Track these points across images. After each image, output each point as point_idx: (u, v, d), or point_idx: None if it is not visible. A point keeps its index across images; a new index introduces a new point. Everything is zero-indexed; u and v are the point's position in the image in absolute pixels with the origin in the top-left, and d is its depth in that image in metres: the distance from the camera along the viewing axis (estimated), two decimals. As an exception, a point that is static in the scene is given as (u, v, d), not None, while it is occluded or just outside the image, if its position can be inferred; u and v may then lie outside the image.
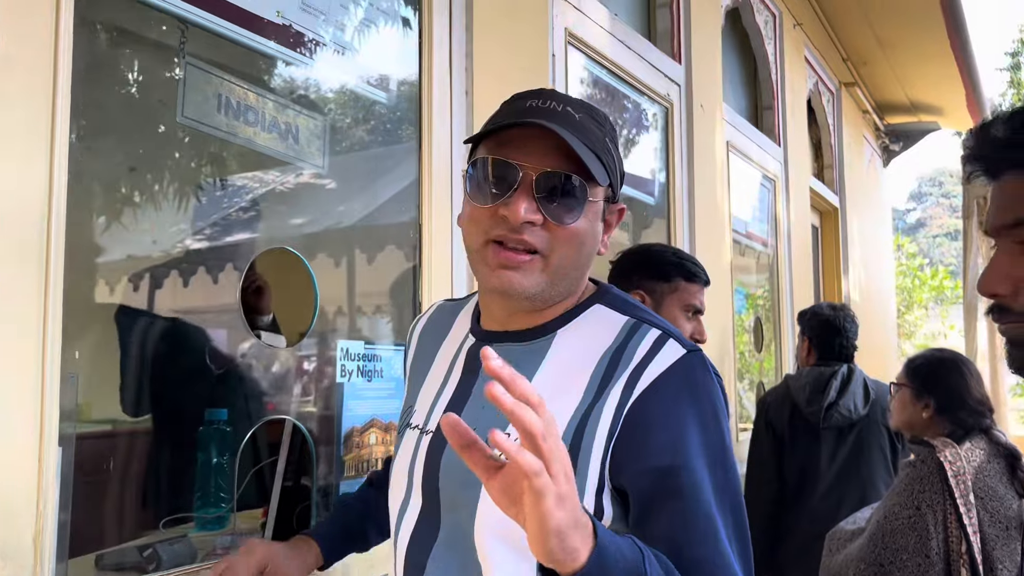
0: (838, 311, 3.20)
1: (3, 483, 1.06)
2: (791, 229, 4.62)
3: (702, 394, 0.99)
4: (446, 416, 0.74)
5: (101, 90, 1.46)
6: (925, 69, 6.19)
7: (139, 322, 1.87)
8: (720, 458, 0.98)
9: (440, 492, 1.04)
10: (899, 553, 2.06)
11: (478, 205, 1.02)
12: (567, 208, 1.00)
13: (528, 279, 1.01)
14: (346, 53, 1.78)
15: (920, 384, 2.31)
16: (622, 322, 1.04)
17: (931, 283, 13.01)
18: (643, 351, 1.00)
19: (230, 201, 1.81)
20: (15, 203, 1.09)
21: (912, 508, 2.08)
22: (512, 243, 1.00)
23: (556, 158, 0.99)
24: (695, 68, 3.37)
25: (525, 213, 0.98)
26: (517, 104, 1.06)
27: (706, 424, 0.97)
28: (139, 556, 1.38)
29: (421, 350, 1.23)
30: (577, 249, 1.03)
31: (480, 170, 1.02)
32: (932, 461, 2.11)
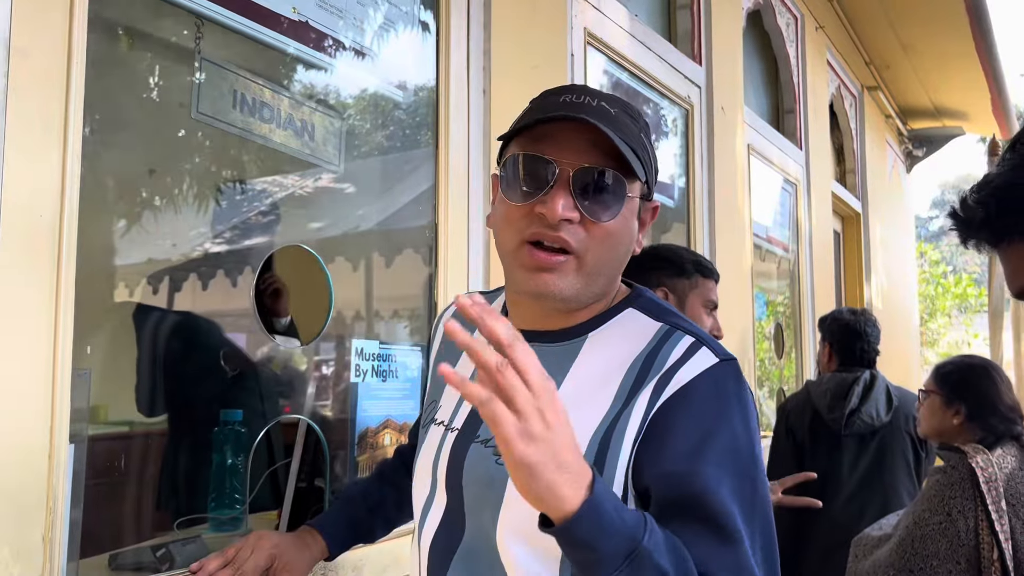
0: (859, 315, 3.17)
1: (14, 480, 1.05)
2: (813, 234, 4.57)
3: (733, 404, 0.95)
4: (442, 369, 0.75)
5: (115, 84, 1.46)
6: (949, 73, 6.12)
7: (155, 322, 1.86)
8: (749, 471, 0.94)
9: (464, 491, 1.02)
10: (929, 559, 2.04)
11: (513, 203, 0.99)
12: (605, 205, 0.97)
13: (563, 281, 0.98)
14: (362, 50, 1.77)
15: (950, 390, 2.28)
16: (655, 328, 1.01)
17: (954, 291, 12.85)
18: (675, 357, 0.97)
19: (249, 204, 1.81)
20: (28, 194, 1.08)
21: (943, 514, 2.06)
22: (549, 241, 0.97)
23: (593, 154, 0.97)
24: (716, 70, 3.34)
25: (563, 210, 0.95)
26: (549, 100, 1.03)
27: (735, 434, 0.94)
28: (152, 556, 1.37)
29: (447, 344, 1.20)
30: (613, 248, 1.00)
31: (514, 168, 0.99)
32: (964, 467, 2.09)
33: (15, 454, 1.05)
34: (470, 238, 1.92)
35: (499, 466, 0.98)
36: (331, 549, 1.30)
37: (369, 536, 1.36)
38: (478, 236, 1.94)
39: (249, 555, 1.23)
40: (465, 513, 1.01)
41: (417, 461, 1.13)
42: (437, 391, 1.16)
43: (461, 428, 1.06)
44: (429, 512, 1.07)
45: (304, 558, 1.26)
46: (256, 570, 1.23)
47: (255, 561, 1.23)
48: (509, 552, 0.96)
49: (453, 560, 1.01)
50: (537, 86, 2.19)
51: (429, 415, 1.14)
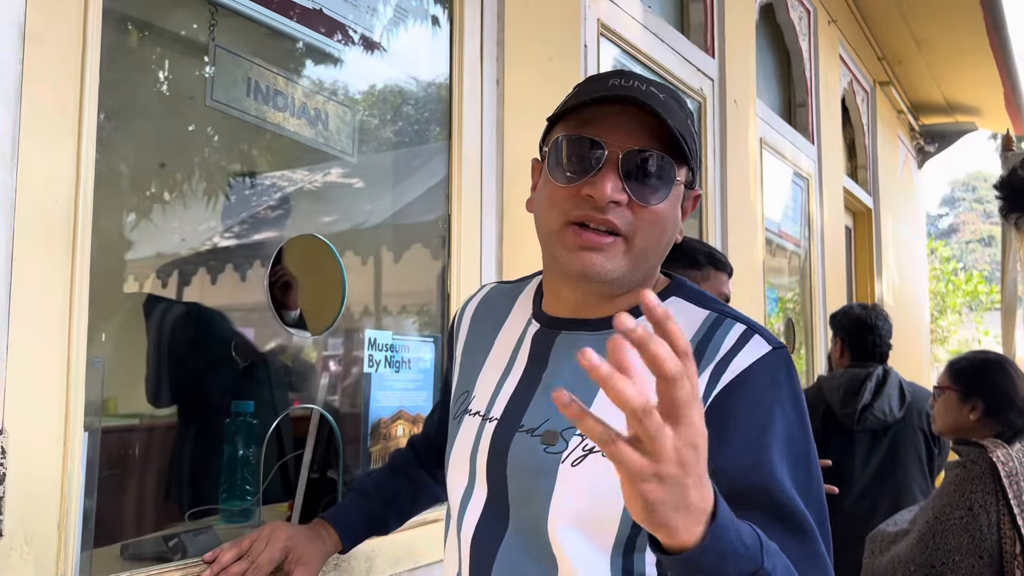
0: (870, 310, 3.16)
1: (28, 468, 1.04)
2: (824, 229, 4.55)
3: (787, 392, 0.94)
4: (558, 393, 0.65)
5: (129, 71, 1.46)
6: (962, 68, 6.08)
7: (167, 313, 1.86)
8: (804, 460, 0.93)
9: (508, 481, 1.00)
10: (951, 554, 2.03)
11: (560, 184, 0.98)
12: (653, 188, 0.97)
13: (610, 262, 0.97)
14: (376, 40, 1.76)
15: (967, 386, 2.26)
16: (703, 315, 1.00)
17: (965, 288, 12.79)
18: (728, 344, 0.95)
19: (260, 198, 1.80)
20: (43, 181, 1.07)
21: (964, 508, 2.05)
22: (595, 223, 0.96)
23: (641, 136, 0.96)
24: (729, 63, 3.32)
25: (611, 192, 0.94)
26: (596, 84, 1.01)
27: (790, 422, 0.93)
28: (164, 546, 1.36)
29: (475, 333, 1.18)
30: (660, 232, 0.99)
31: (562, 149, 0.98)
32: (984, 461, 2.08)
33: (30, 441, 1.04)
34: (483, 229, 1.91)
35: (549, 455, 0.97)
36: (344, 542, 1.30)
37: (383, 529, 1.35)
38: (491, 227, 1.93)
39: (263, 548, 1.23)
40: (509, 503, 1.00)
41: (452, 453, 1.11)
42: (469, 381, 1.14)
43: (501, 418, 1.04)
44: (469, 503, 1.05)
45: (318, 551, 1.26)
46: (271, 563, 1.22)
47: (269, 554, 1.22)
48: (561, 541, 0.94)
49: (499, 551, 0.99)
50: (551, 77, 2.19)
51: (461, 406, 1.12)
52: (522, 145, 2.01)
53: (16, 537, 1.02)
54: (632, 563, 0.94)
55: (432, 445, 1.37)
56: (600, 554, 0.93)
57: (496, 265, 1.93)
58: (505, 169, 1.95)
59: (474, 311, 1.22)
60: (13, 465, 1.02)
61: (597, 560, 0.93)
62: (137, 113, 1.50)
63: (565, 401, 0.63)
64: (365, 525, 1.32)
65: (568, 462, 0.95)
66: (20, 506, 1.03)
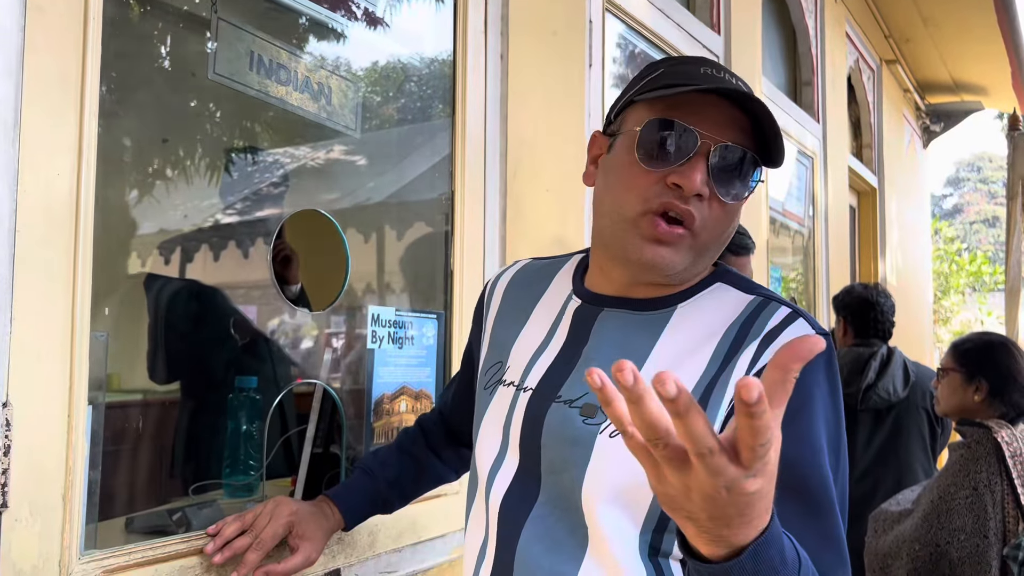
0: (871, 288, 3.16)
1: (33, 440, 1.04)
2: (829, 208, 4.53)
3: (827, 379, 0.93)
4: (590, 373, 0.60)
5: (132, 43, 1.44)
6: (970, 47, 6.03)
7: (166, 291, 1.86)
8: (835, 444, 0.93)
9: (542, 451, 1.00)
10: (956, 533, 2.04)
11: (646, 168, 0.96)
12: (735, 185, 0.96)
13: (678, 255, 0.96)
14: (379, 13, 1.75)
15: (971, 368, 2.27)
16: (748, 299, 0.99)
17: (969, 268, 12.76)
18: (773, 323, 0.95)
19: (262, 175, 1.80)
20: (46, 153, 1.07)
21: (969, 488, 2.06)
22: (677, 212, 0.95)
23: (734, 130, 0.94)
24: (734, 40, 3.29)
25: (700, 183, 0.93)
26: (685, 69, 0.99)
27: (827, 406, 0.92)
28: (168, 519, 1.37)
29: (508, 306, 1.17)
30: (726, 228, 0.99)
31: (653, 132, 0.96)
32: (989, 442, 2.09)
33: (34, 413, 1.05)
34: (487, 205, 1.90)
35: (587, 425, 0.97)
36: (347, 520, 1.30)
37: (386, 508, 1.36)
38: (495, 204, 1.92)
39: (267, 522, 1.23)
40: (541, 473, 1.00)
41: (483, 422, 1.10)
42: (502, 352, 1.13)
43: (536, 388, 1.04)
44: (499, 471, 1.05)
45: (322, 527, 1.27)
46: (274, 538, 1.23)
47: (273, 528, 1.23)
48: (594, 511, 0.94)
49: (528, 519, 0.99)
50: (555, 52, 2.17)
51: (494, 376, 1.12)
52: (526, 121, 2.00)
53: (21, 508, 1.03)
54: (661, 541, 0.93)
55: (445, 422, 1.37)
56: (631, 528, 0.93)
57: (499, 242, 1.93)
58: (509, 145, 1.94)
59: (507, 284, 1.21)
60: (18, 437, 1.02)
61: (628, 533, 0.93)
62: (139, 86, 1.49)
63: (596, 384, 0.59)
64: (368, 504, 1.33)
65: (606, 433, 0.95)
66: (25, 478, 1.03)
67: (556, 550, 0.97)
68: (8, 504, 1.01)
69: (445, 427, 1.37)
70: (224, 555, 1.22)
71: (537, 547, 0.98)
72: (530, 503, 1.00)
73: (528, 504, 1.00)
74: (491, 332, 1.18)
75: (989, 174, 35.53)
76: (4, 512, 1.01)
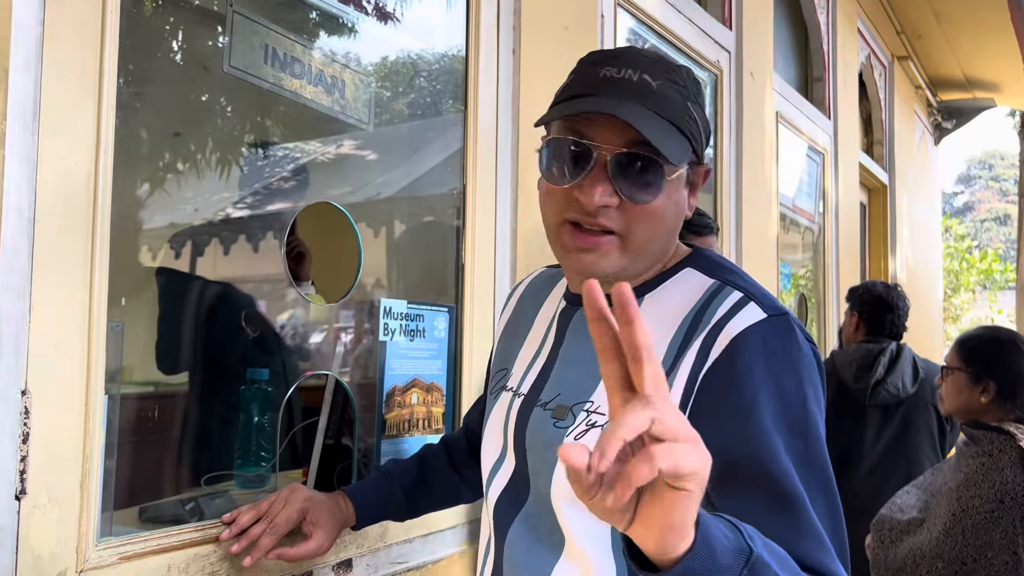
0: (891, 289, 3.16)
1: (51, 428, 1.06)
2: (839, 205, 4.52)
3: (780, 360, 0.91)
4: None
5: (149, 36, 1.45)
6: (983, 43, 5.99)
7: (177, 285, 1.87)
8: (800, 428, 0.90)
9: (527, 453, 1.03)
10: (983, 550, 1.91)
11: (552, 186, 0.98)
12: (645, 187, 0.95)
13: (605, 260, 0.97)
14: (391, 8, 1.75)
15: (979, 367, 2.13)
16: (708, 284, 0.99)
17: (979, 266, 12.70)
18: (721, 312, 0.94)
19: (275, 169, 1.80)
20: (64, 144, 1.08)
21: (995, 501, 1.93)
22: (588, 225, 0.96)
23: (633, 133, 0.93)
24: (746, 35, 3.28)
25: (600, 197, 0.93)
26: (589, 72, 0.99)
27: (784, 390, 0.90)
28: (182, 509, 1.39)
29: (517, 315, 1.21)
30: (657, 225, 0.98)
31: (552, 150, 0.98)
32: (1013, 449, 1.96)
33: (53, 401, 1.06)
34: (498, 200, 1.90)
35: (557, 429, 0.99)
36: (359, 517, 1.32)
37: (397, 515, 1.38)
38: (506, 198, 1.93)
39: (281, 508, 1.25)
40: (529, 476, 1.03)
41: (487, 424, 1.14)
42: (507, 359, 1.16)
43: (526, 393, 1.07)
44: (498, 473, 1.08)
45: (335, 517, 1.28)
46: (288, 522, 1.24)
47: (287, 514, 1.24)
48: (565, 514, 0.96)
49: (515, 520, 1.03)
50: (567, 46, 2.17)
51: (499, 382, 1.15)
52: (537, 115, 2.00)
53: (40, 495, 1.04)
54: None
55: (470, 441, 1.39)
56: (601, 526, 0.92)
57: (511, 236, 1.94)
58: (521, 139, 1.95)
59: (522, 293, 1.25)
60: (36, 425, 1.04)
61: (598, 532, 0.94)
62: (156, 79, 1.50)
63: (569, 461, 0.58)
64: (382, 505, 1.34)
65: (572, 436, 0.97)
66: (43, 465, 1.04)
67: (536, 549, 1.00)
68: (27, 491, 1.02)
69: (469, 445, 1.39)
70: (241, 544, 1.23)
71: (521, 546, 1.02)
72: (520, 504, 1.03)
73: (518, 505, 1.03)
74: (500, 341, 1.22)
75: (1000, 172, 35.30)
76: (23, 499, 1.02)
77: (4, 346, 1.00)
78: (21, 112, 1.03)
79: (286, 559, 1.23)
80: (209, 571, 1.25)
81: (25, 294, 1.03)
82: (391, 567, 1.59)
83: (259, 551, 1.22)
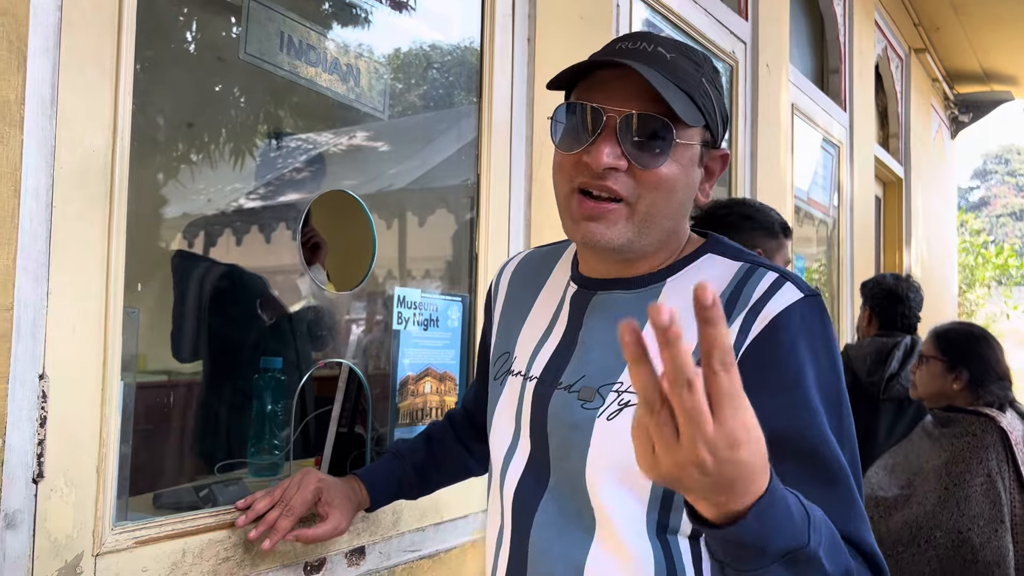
0: (901, 281, 3.14)
1: (69, 412, 1.06)
2: (854, 198, 4.49)
3: (820, 338, 0.93)
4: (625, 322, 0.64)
5: (165, 22, 1.45)
6: (1001, 35, 5.94)
7: (194, 270, 1.87)
8: (836, 404, 0.93)
9: (549, 438, 1.02)
10: (976, 520, 2.12)
11: (563, 152, 0.99)
12: (653, 152, 0.95)
13: (612, 230, 0.97)
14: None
15: (953, 357, 2.36)
16: (736, 267, 0.99)
17: (995, 261, 12.60)
18: (759, 292, 0.94)
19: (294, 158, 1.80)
20: (82, 129, 1.08)
21: (983, 476, 2.14)
22: (596, 190, 0.96)
23: (642, 100, 0.94)
24: (762, 26, 3.26)
25: (607, 158, 0.94)
26: (606, 48, 1.03)
27: (822, 368, 0.92)
28: (195, 496, 1.39)
29: (513, 296, 1.19)
30: (666, 195, 0.97)
31: (563, 116, 0.99)
32: (995, 430, 2.18)
33: (70, 385, 1.06)
34: (512, 190, 1.90)
35: (585, 410, 0.98)
36: (373, 499, 1.32)
37: (411, 493, 1.37)
38: (520, 187, 1.92)
39: (296, 491, 1.25)
40: (550, 459, 1.02)
41: (496, 411, 1.12)
42: (509, 342, 1.15)
43: (540, 376, 1.06)
44: (512, 460, 1.07)
45: (349, 499, 1.28)
46: (304, 504, 1.25)
47: (302, 496, 1.25)
48: (599, 494, 0.96)
49: (540, 504, 1.01)
50: (582, 36, 2.16)
51: (503, 367, 1.14)
52: (552, 104, 1.99)
53: (57, 479, 1.05)
54: (668, 518, 0.95)
55: (471, 417, 1.39)
56: (637, 507, 0.95)
57: (524, 225, 1.93)
58: (535, 130, 1.94)
59: (512, 274, 1.22)
60: (53, 409, 1.04)
61: (634, 513, 0.95)
62: (172, 65, 1.51)
63: (628, 338, 0.63)
64: (395, 486, 1.34)
65: (604, 416, 0.96)
66: (60, 449, 1.05)
67: (566, 535, 0.99)
68: (44, 474, 1.03)
69: (471, 422, 1.39)
70: (259, 530, 1.24)
71: (548, 532, 1.00)
72: (542, 490, 1.02)
73: (540, 491, 1.02)
74: (499, 323, 1.20)
75: (1017, 167, 35.02)
76: (40, 482, 1.03)
77: (22, 330, 1.01)
78: (39, 97, 1.03)
79: (304, 540, 1.24)
80: (224, 556, 1.25)
81: (43, 279, 1.04)
82: (404, 555, 1.59)
83: (277, 534, 1.22)
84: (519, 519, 1.04)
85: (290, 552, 1.36)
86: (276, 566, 1.34)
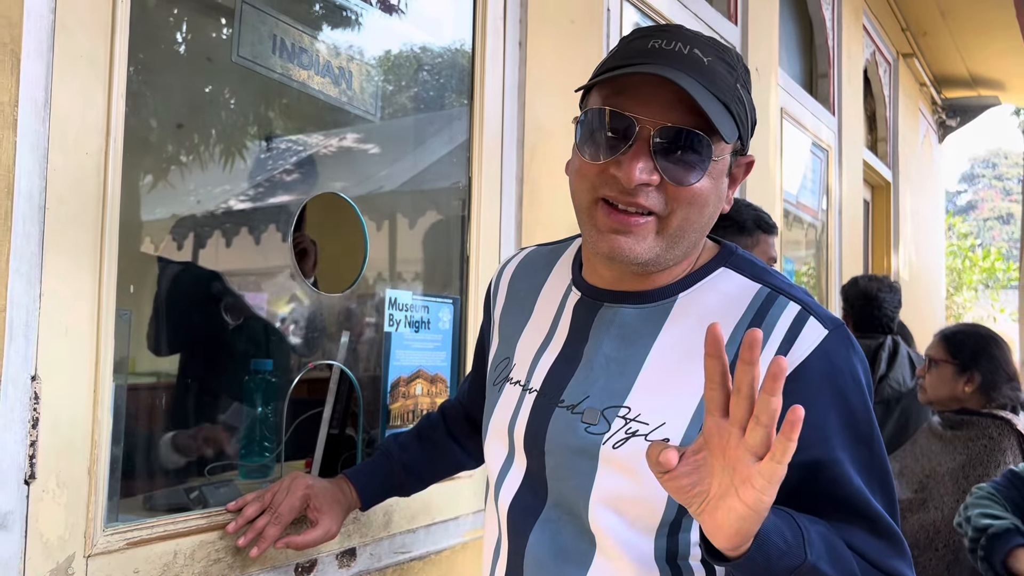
0: (874, 281, 3.14)
1: (61, 413, 1.06)
2: (843, 202, 4.52)
3: (847, 377, 0.91)
4: (664, 454, 0.75)
5: (159, 24, 1.46)
6: (988, 40, 5.98)
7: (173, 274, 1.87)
8: (866, 436, 0.92)
9: (546, 457, 0.99)
10: None
11: (588, 160, 0.92)
12: (689, 167, 0.89)
13: (640, 245, 0.91)
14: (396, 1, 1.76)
15: (966, 359, 2.32)
16: (755, 290, 0.95)
17: (982, 264, 12.69)
18: (783, 330, 0.90)
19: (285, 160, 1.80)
20: (75, 132, 1.08)
21: None
22: (624, 204, 0.90)
23: (678, 110, 0.87)
24: (751, 30, 3.28)
25: (640, 174, 0.88)
26: (637, 44, 0.92)
27: (852, 408, 0.91)
28: (186, 497, 1.39)
29: (513, 298, 1.15)
30: (699, 211, 0.92)
31: (592, 121, 0.92)
32: (1012, 433, 2.17)
33: (62, 387, 1.07)
34: (503, 192, 1.91)
35: (590, 435, 0.95)
36: (363, 500, 1.32)
37: (403, 490, 1.37)
38: (511, 190, 1.93)
39: (284, 497, 1.25)
40: (547, 478, 0.99)
41: (491, 420, 1.09)
42: (508, 347, 1.11)
43: (541, 390, 1.02)
44: (508, 474, 1.04)
45: (339, 502, 1.28)
46: (291, 511, 1.25)
47: (290, 502, 1.25)
48: (601, 522, 0.94)
49: (536, 524, 0.99)
50: (573, 40, 2.17)
51: (501, 373, 1.10)
52: (543, 108, 2.00)
53: (49, 480, 1.05)
54: (676, 543, 0.93)
55: (466, 411, 1.37)
56: (642, 535, 0.93)
57: (515, 227, 1.94)
58: (526, 132, 1.95)
59: (512, 274, 1.18)
60: (46, 411, 1.04)
61: (639, 541, 0.93)
62: (165, 68, 1.51)
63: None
64: (385, 485, 1.34)
65: (609, 444, 0.93)
66: (52, 450, 1.05)
67: (564, 555, 0.97)
68: (36, 475, 1.03)
69: (466, 416, 1.37)
70: (248, 536, 1.24)
71: (544, 551, 0.98)
72: (538, 508, 1.00)
73: (536, 509, 1.00)
74: (499, 325, 1.16)
75: (1004, 171, 35.24)
76: (32, 483, 1.03)
77: (15, 332, 1.01)
78: (32, 100, 1.03)
79: (294, 547, 1.24)
80: (215, 558, 1.25)
81: (35, 281, 1.04)
82: (394, 556, 1.60)
83: (265, 541, 1.22)
84: (515, 532, 1.02)
85: (281, 554, 1.36)
86: (267, 568, 1.34)
